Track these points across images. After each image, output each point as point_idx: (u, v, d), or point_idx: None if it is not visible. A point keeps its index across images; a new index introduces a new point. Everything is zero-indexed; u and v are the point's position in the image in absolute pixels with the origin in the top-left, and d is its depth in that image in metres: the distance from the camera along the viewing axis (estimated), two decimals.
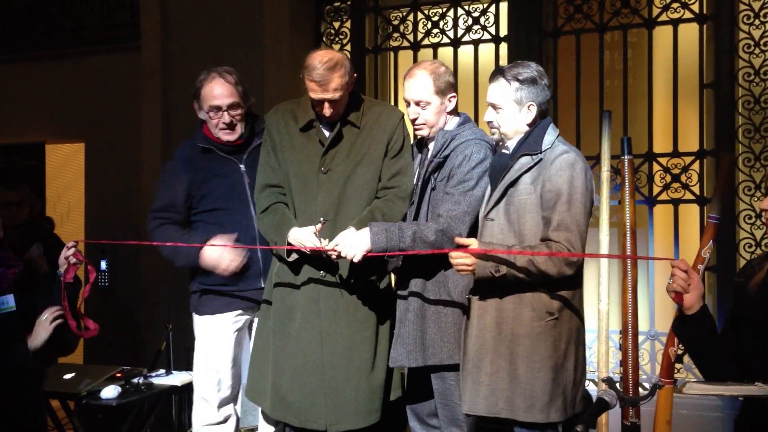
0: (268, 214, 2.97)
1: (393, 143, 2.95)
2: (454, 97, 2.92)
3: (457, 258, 2.56)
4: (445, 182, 2.82)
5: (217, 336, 3.17)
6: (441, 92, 2.87)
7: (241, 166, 3.15)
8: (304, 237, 2.79)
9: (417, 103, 2.88)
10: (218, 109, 3.07)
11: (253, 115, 3.24)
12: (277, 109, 3.09)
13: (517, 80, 2.64)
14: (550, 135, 2.66)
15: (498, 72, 2.70)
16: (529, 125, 2.68)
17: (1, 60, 5.78)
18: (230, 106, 3.07)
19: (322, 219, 2.82)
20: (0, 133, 5.80)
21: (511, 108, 2.67)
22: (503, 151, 2.74)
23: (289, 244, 2.83)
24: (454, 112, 2.96)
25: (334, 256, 2.77)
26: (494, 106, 2.70)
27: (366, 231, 2.71)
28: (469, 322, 2.72)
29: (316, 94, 2.81)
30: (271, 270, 3.05)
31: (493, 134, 2.76)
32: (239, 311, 3.19)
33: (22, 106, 5.69)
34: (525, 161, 2.63)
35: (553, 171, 2.56)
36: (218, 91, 3.06)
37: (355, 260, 2.70)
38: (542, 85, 2.67)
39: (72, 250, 2.87)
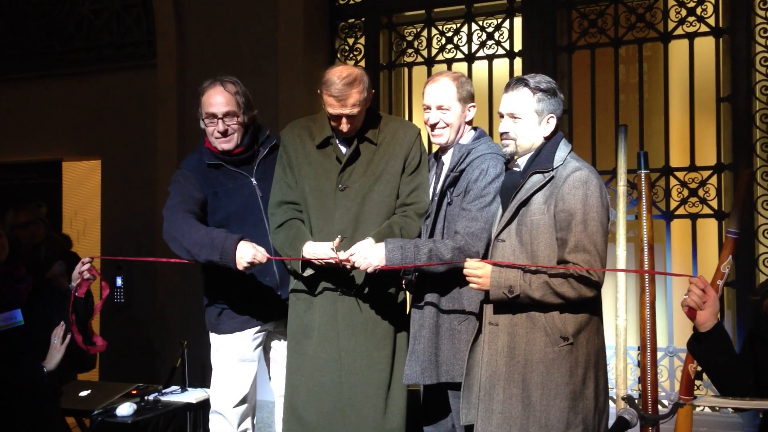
0: (283, 229, 2.96)
1: (410, 159, 2.94)
2: (473, 107, 2.92)
3: (470, 269, 2.51)
4: (462, 197, 2.79)
5: (237, 354, 3.15)
6: (463, 100, 2.87)
7: (252, 179, 3.13)
8: (319, 251, 2.78)
9: (439, 107, 2.86)
10: (213, 116, 3.05)
11: (257, 126, 3.21)
12: (293, 125, 3.08)
13: (540, 90, 2.56)
14: (562, 151, 2.57)
15: (520, 81, 2.59)
16: (546, 138, 2.60)
17: (20, 79, 5.84)
18: (225, 114, 3.05)
19: (340, 236, 2.81)
20: (18, 151, 5.86)
21: (531, 118, 2.57)
22: (514, 168, 2.67)
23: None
24: (470, 125, 2.96)
25: (348, 267, 2.76)
26: (513, 116, 2.59)
27: (381, 246, 2.70)
28: (476, 343, 2.66)
29: (334, 110, 2.80)
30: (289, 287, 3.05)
31: (506, 146, 2.63)
32: (257, 328, 3.17)
33: (40, 124, 5.75)
34: (536, 179, 2.53)
35: (566, 190, 2.46)
36: (215, 99, 3.04)
37: (368, 271, 2.70)
38: (560, 99, 2.61)
39: (87, 266, 2.88)
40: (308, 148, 2.96)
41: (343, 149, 2.93)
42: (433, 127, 2.90)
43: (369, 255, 2.69)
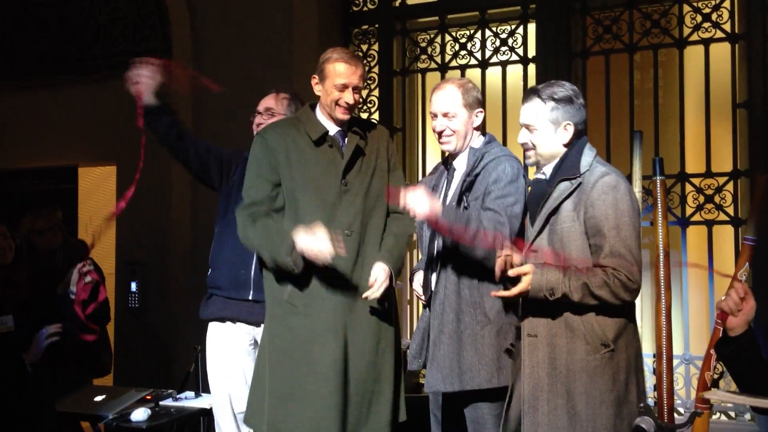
0: (257, 225, 2.77)
1: (391, 155, 2.96)
2: (481, 112, 2.90)
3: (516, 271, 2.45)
4: (480, 200, 2.75)
5: (224, 345, 3.22)
6: (469, 106, 2.85)
7: None
8: (318, 244, 2.57)
9: (444, 115, 2.85)
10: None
11: None
12: (274, 126, 2.97)
13: (553, 99, 2.57)
14: (587, 156, 2.56)
15: (532, 92, 2.62)
16: (566, 145, 2.59)
17: (37, 85, 5.90)
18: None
19: (347, 232, 2.75)
20: (35, 157, 5.91)
21: (546, 128, 2.58)
22: (538, 176, 2.66)
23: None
24: (481, 130, 2.94)
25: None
26: (528, 127, 2.61)
27: (437, 201, 2.69)
28: (518, 356, 2.61)
29: (342, 79, 2.76)
30: (271, 292, 2.85)
31: (528, 158, 2.65)
32: (240, 324, 3.19)
33: (56, 130, 5.80)
34: (564, 187, 2.52)
35: (595, 196, 2.45)
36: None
37: (419, 218, 2.71)
38: (578, 105, 2.60)
39: (86, 268, 2.90)
40: (302, 146, 2.84)
41: (342, 146, 2.88)
42: (440, 134, 2.89)
43: (424, 202, 2.60)
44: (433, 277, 2.89)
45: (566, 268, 2.43)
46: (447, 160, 3.01)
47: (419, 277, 3.00)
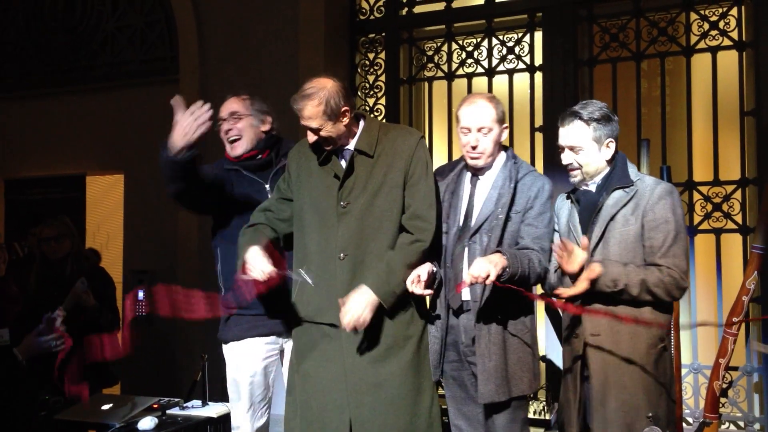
0: (248, 231, 2.89)
1: (413, 168, 2.82)
2: (506, 128, 2.94)
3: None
4: (522, 214, 2.82)
5: (243, 363, 3.17)
6: (500, 121, 2.88)
7: (267, 186, 3.17)
8: (258, 264, 2.67)
9: (479, 130, 2.85)
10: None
11: (277, 137, 3.28)
12: (302, 142, 3.02)
13: (594, 120, 2.71)
14: (632, 167, 2.77)
15: (572, 114, 2.75)
16: (608, 161, 2.76)
17: (44, 94, 5.94)
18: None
19: (341, 255, 2.75)
20: (42, 166, 5.94)
21: (591, 147, 2.73)
22: (583, 187, 2.80)
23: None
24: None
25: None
26: (573, 149, 2.75)
27: (497, 255, 2.67)
28: (583, 357, 2.73)
29: (301, 120, 2.79)
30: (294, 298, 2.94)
31: (574, 177, 2.79)
32: (267, 337, 3.16)
33: (64, 139, 5.83)
34: (619, 195, 2.70)
35: (654, 200, 2.65)
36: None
37: (488, 282, 2.63)
38: (615, 121, 2.76)
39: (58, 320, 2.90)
40: (312, 166, 2.90)
41: (343, 164, 2.85)
42: (473, 148, 2.87)
43: (484, 266, 2.59)
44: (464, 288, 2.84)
45: (625, 264, 2.61)
46: (466, 167, 2.97)
47: (419, 270, 2.80)
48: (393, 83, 4.99)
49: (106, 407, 3.76)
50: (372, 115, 5.01)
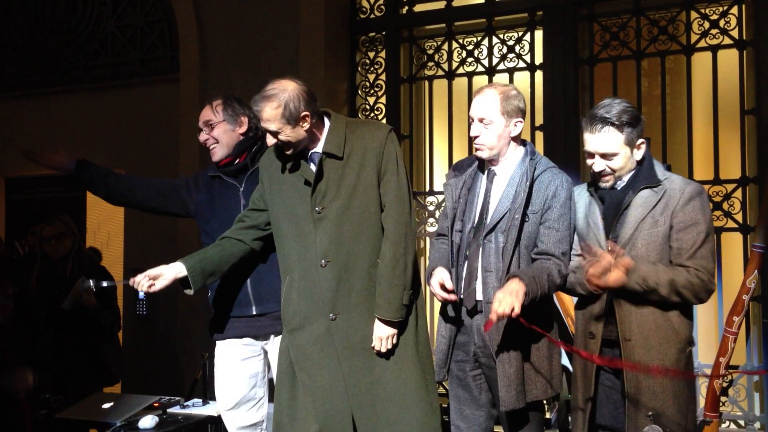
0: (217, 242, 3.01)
1: (384, 163, 2.77)
2: (520, 122, 2.81)
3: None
4: (539, 215, 2.75)
5: (220, 362, 3.22)
6: (507, 114, 2.77)
7: (240, 188, 3.19)
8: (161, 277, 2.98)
9: (480, 120, 2.78)
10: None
11: (255, 138, 3.27)
12: (270, 150, 2.97)
13: (626, 123, 2.66)
14: (658, 166, 2.73)
15: (602, 121, 2.66)
16: (639, 162, 2.73)
17: (45, 94, 5.94)
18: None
19: (323, 262, 2.74)
20: None
21: (624, 151, 2.68)
22: (604, 186, 2.75)
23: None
24: (519, 140, 2.87)
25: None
26: (606, 156, 2.68)
27: (516, 282, 2.65)
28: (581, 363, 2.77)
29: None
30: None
31: (605, 182, 2.74)
32: (242, 339, 3.18)
33: (65, 138, 5.82)
34: (648, 195, 2.66)
35: (684, 200, 2.62)
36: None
37: (513, 315, 2.61)
38: (642, 120, 2.72)
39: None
40: (283, 174, 2.84)
41: (313, 168, 2.78)
42: (473, 139, 2.82)
43: (509, 300, 2.56)
44: (479, 287, 2.80)
45: (655, 263, 2.59)
46: (483, 163, 2.92)
47: (441, 275, 2.81)
48: (393, 82, 4.99)
49: (106, 406, 3.77)
50: (372, 115, 5.01)
